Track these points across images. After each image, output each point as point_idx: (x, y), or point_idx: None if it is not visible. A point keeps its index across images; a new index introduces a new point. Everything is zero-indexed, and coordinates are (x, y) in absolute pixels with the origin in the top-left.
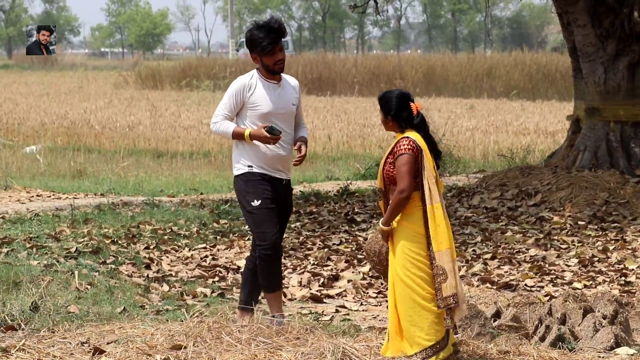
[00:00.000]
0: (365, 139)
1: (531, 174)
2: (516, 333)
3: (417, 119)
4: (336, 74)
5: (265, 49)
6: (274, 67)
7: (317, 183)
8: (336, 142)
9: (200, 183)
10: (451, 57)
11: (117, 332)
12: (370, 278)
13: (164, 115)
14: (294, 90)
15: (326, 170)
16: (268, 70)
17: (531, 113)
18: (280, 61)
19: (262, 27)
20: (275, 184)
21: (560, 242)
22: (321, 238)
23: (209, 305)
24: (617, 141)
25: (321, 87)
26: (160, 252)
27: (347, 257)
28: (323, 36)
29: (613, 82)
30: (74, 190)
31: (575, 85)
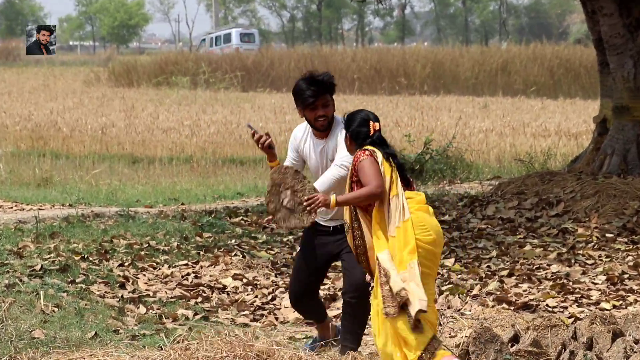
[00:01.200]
0: None
1: (552, 181)
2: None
3: (372, 138)
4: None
5: (306, 101)
6: (315, 123)
7: None
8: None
9: (181, 192)
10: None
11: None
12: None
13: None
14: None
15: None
16: (311, 126)
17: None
18: (323, 117)
19: (307, 78)
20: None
21: (586, 257)
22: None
23: (191, 329)
24: None
25: None
26: (137, 269)
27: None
28: (318, 27)
29: None
30: (39, 200)
31: (601, 81)
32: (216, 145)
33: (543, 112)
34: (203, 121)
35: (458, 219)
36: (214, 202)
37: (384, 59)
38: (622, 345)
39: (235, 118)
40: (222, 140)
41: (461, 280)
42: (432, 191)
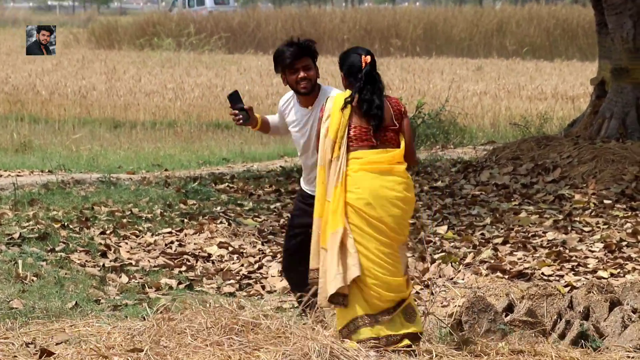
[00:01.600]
0: None
1: (549, 146)
2: (531, 329)
3: (363, 71)
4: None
5: (285, 62)
6: (297, 87)
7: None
8: None
9: (165, 157)
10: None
11: (68, 330)
12: None
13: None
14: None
15: None
16: (294, 91)
17: (548, 75)
18: (304, 80)
19: (288, 42)
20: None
21: (583, 224)
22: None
23: (174, 299)
24: None
25: None
26: (118, 237)
27: None
28: None
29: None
30: (17, 166)
31: (599, 43)
32: (201, 109)
33: (539, 75)
34: (187, 84)
35: (451, 185)
36: (199, 168)
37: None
38: (619, 314)
39: (221, 81)
40: (207, 104)
41: (454, 248)
42: (424, 156)
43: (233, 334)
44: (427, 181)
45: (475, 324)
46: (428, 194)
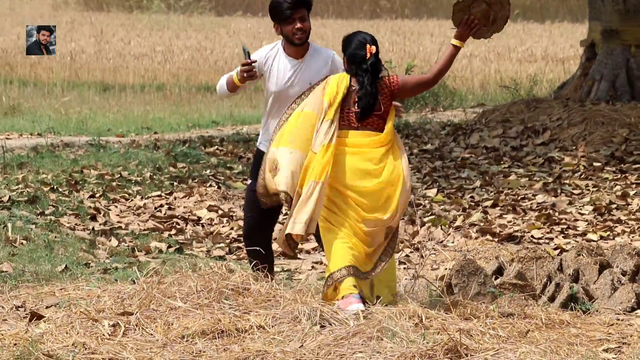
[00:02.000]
0: None
1: (538, 108)
2: (521, 292)
3: (368, 62)
4: None
5: (283, 14)
6: (293, 37)
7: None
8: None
9: (154, 120)
10: None
11: (58, 294)
12: None
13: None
14: (324, 65)
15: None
16: (288, 41)
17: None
18: (301, 31)
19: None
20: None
21: (573, 186)
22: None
23: (164, 262)
24: (639, 69)
25: None
26: (108, 201)
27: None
28: None
29: (635, 0)
30: (6, 129)
31: (590, 4)
32: (190, 72)
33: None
34: (176, 47)
35: (441, 148)
36: (188, 131)
37: None
38: (609, 277)
39: (210, 44)
40: (196, 67)
41: (444, 211)
42: (414, 119)
43: (223, 298)
44: (416, 144)
45: (465, 287)
46: (417, 157)
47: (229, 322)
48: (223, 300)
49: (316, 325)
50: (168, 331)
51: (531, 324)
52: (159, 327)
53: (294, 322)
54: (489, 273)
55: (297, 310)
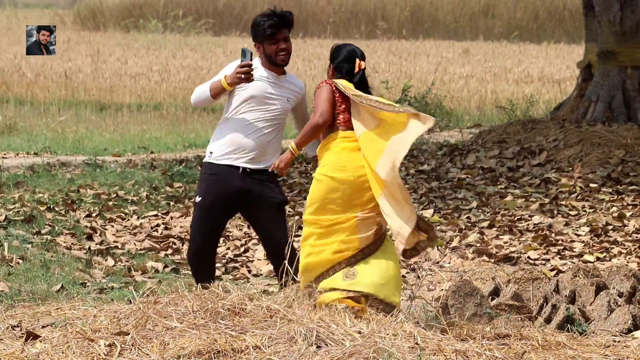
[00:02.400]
0: None
1: (535, 129)
2: (517, 314)
3: (356, 77)
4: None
5: (266, 32)
6: (277, 58)
7: (287, 140)
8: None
9: (151, 140)
10: None
11: (54, 314)
12: None
13: (107, 61)
14: (296, 90)
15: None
16: (270, 61)
17: (535, 58)
18: (284, 52)
19: (267, 14)
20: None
21: (569, 207)
22: (291, 204)
23: (160, 282)
24: (635, 90)
25: None
26: (104, 220)
27: None
28: None
29: (631, 21)
30: (3, 148)
31: (586, 25)
32: (187, 92)
33: (525, 58)
34: (173, 67)
35: (437, 169)
36: (185, 151)
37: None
38: (605, 298)
39: (207, 63)
40: (192, 87)
41: (440, 232)
42: None
43: (219, 318)
44: (413, 164)
45: (462, 307)
46: (414, 177)
47: (225, 342)
48: (219, 320)
49: (312, 345)
50: (164, 351)
51: (527, 346)
52: (155, 347)
53: (290, 343)
54: (485, 294)
55: (293, 331)
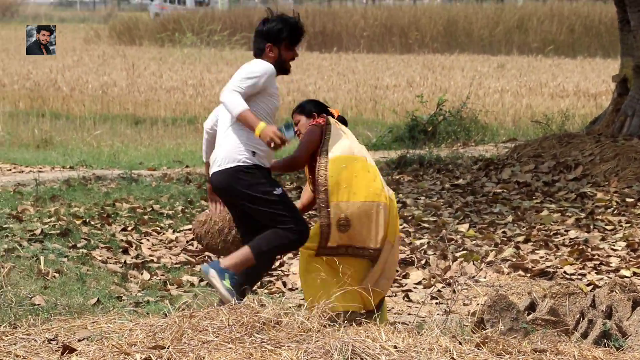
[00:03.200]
0: (377, 102)
1: (570, 143)
2: (554, 328)
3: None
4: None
5: (294, 39)
6: (287, 65)
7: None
8: (343, 107)
9: (186, 154)
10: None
11: (90, 327)
12: None
13: (142, 75)
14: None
15: None
16: (281, 67)
17: (570, 72)
18: (292, 61)
19: (290, 21)
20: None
21: (605, 222)
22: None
23: (196, 295)
24: None
25: (325, 42)
26: (140, 234)
27: None
28: None
29: None
30: (39, 162)
31: (622, 39)
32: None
33: (561, 72)
34: (208, 80)
35: (472, 183)
36: None
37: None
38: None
39: None
40: None
41: (476, 246)
42: (445, 154)
43: (255, 332)
44: (448, 179)
45: (498, 322)
46: (449, 192)
47: (261, 356)
48: (255, 334)
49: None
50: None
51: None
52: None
53: (326, 357)
54: (521, 309)
55: (329, 345)
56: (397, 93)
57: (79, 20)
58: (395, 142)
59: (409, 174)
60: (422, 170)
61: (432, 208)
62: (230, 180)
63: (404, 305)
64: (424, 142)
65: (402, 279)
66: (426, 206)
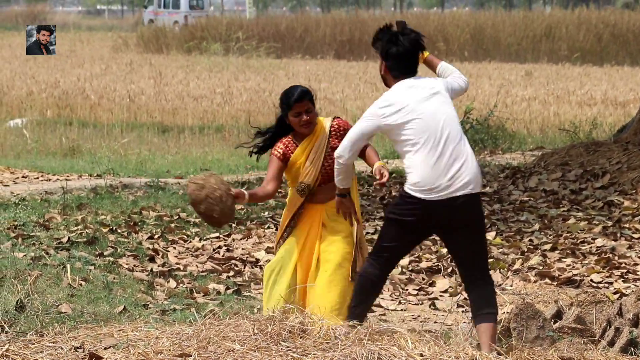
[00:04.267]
0: None
1: (598, 152)
2: (580, 337)
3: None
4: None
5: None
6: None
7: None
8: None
9: (213, 162)
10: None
11: (116, 335)
12: (410, 273)
13: (170, 84)
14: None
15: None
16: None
17: (598, 80)
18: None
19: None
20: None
21: (633, 230)
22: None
23: (222, 304)
24: None
25: (352, 51)
26: (166, 242)
27: None
28: None
29: None
30: (66, 170)
31: None
32: (249, 114)
33: (588, 80)
34: (235, 89)
35: (499, 191)
36: (247, 173)
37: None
38: None
39: (269, 86)
40: (255, 109)
41: (502, 254)
42: None
43: (280, 340)
44: None
45: (524, 330)
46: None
47: None
48: (281, 343)
49: None
50: None
51: None
52: None
53: None
54: (547, 317)
55: (355, 353)
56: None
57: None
58: None
59: None
60: None
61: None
62: (480, 207)
63: (430, 313)
64: None
65: (428, 287)
66: None
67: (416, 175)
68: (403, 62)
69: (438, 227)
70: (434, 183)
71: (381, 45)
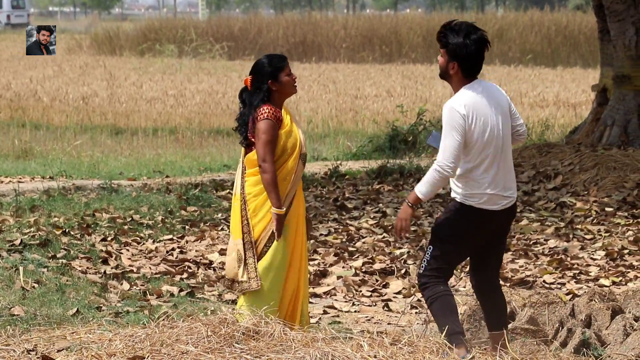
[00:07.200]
0: (357, 112)
1: (550, 153)
2: (533, 337)
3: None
4: (322, 37)
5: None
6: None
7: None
8: (323, 117)
9: (166, 164)
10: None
11: (70, 338)
12: (363, 274)
13: (123, 86)
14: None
15: (312, 149)
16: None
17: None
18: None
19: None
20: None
21: (585, 231)
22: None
23: (176, 306)
24: None
25: (305, 52)
26: (120, 244)
27: (336, 249)
28: None
29: None
30: (18, 172)
31: (601, 50)
32: (202, 116)
33: (541, 82)
34: (188, 91)
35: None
36: (200, 175)
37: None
38: (621, 322)
39: (222, 88)
40: (208, 111)
41: None
42: (425, 164)
43: (234, 342)
44: None
45: (477, 331)
46: (429, 202)
47: None
48: (234, 345)
49: None
50: None
51: None
52: None
53: None
54: None
55: (309, 354)
56: (378, 103)
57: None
58: (375, 151)
59: (389, 184)
60: (402, 180)
61: (412, 218)
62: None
63: (384, 314)
64: (404, 152)
65: (382, 288)
66: None
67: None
68: (478, 62)
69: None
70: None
71: (456, 45)
